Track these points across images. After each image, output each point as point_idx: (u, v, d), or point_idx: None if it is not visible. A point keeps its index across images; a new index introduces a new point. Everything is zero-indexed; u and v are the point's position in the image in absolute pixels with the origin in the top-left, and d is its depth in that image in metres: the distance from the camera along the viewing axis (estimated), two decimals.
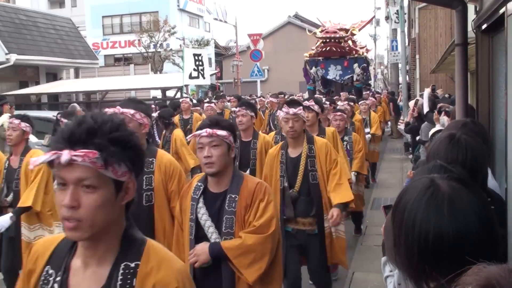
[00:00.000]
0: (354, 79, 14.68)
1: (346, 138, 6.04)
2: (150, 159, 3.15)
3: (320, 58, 14.89)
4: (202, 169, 2.70)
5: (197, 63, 13.99)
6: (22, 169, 4.34)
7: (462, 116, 3.98)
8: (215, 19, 36.11)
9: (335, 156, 3.96)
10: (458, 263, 0.90)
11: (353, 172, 6.50)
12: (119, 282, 1.36)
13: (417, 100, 8.78)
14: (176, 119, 9.12)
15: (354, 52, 14.91)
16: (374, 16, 16.80)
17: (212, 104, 10.20)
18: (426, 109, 7.94)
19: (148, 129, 3.22)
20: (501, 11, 3.20)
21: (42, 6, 37.12)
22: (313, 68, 14.82)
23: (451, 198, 1.12)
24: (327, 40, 14.83)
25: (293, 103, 3.98)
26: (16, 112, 9.47)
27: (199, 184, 2.74)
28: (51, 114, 9.86)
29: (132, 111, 3.11)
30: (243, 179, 2.70)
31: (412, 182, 1.23)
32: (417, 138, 7.97)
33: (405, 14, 19.24)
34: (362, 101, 10.16)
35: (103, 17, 37.43)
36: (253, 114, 5.12)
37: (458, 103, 4.19)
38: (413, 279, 1.16)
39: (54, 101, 18.07)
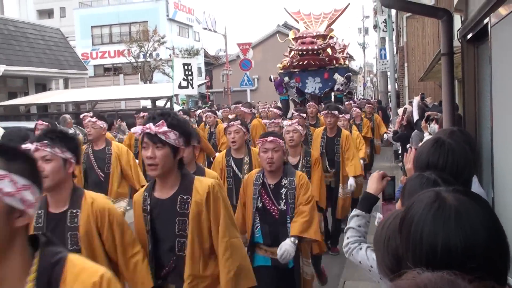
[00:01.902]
0: (335, 89, 13.09)
1: (284, 181, 3.72)
2: None
3: (296, 70, 13.22)
4: None
5: (186, 72, 13.95)
6: None
7: (449, 125, 4.03)
8: (205, 28, 36.27)
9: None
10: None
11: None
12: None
13: (405, 108, 8.85)
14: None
15: (334, 61, 13.21)
16: (348, 4, 14.55)
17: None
18: (416, 117, 8.02)
19: None
20: (485, 21, 3.25)
21: (31, 16, 36.84)
22: (287, 78, 13.24)
23: (458, 211, 1.11)
24: (304, 53, 12.83)
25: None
26: (5, 124, 9.45)
27: None
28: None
29: None
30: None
31: (417, 196, 1.22)
32: (408, 146, 8.02)
33: (393, 23, 19.42)
34: (341, 115, 7.61)
35: (92, 27, 37.42)
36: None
37: (445, 112, 4.24)
38: None
39: (43, 112, 17.97)
